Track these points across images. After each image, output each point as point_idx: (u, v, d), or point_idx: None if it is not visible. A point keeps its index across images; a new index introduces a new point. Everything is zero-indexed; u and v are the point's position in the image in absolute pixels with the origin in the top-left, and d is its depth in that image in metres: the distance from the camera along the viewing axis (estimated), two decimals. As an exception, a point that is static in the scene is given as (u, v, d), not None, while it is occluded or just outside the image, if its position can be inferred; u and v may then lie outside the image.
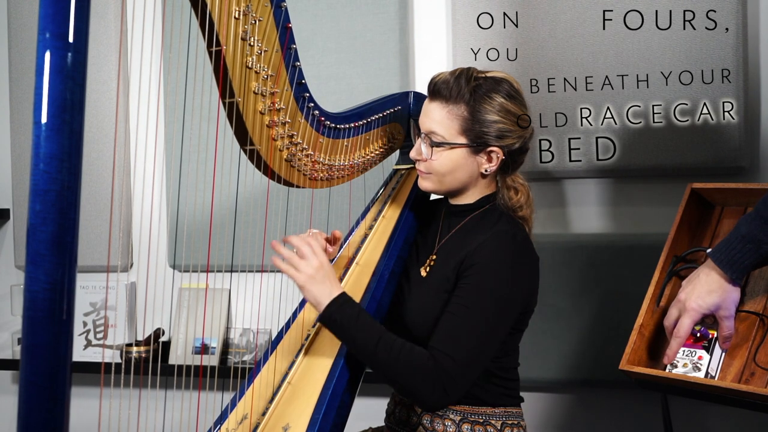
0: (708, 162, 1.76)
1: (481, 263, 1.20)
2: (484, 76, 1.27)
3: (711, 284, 1.18)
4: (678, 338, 1.20)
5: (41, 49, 0.70)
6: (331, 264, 1.45)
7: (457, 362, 1.14)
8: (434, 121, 1.26)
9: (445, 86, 1.25)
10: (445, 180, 1.29)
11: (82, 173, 0.73)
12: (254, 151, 1.15)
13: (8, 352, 2.28)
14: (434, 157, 1.26)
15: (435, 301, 1.25)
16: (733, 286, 1.17)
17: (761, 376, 1.17)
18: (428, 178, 1.31)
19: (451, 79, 1.25)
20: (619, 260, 1.80)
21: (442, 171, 1.27)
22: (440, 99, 1.25)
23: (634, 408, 1.86)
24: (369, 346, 1.15)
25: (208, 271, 2.06)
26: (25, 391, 0.71)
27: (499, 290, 1.19)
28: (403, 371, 1.14)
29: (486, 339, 1.18)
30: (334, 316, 1.16)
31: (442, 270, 1.28)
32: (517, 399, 1.33)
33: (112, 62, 2.16)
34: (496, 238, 1.23)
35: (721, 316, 1.18)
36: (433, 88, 1.27)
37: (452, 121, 1.24)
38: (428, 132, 1.27)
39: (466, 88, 1.24)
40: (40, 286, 0.71)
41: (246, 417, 1.21)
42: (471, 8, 1.91)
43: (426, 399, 1.14)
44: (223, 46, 1.03)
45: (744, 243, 1.13)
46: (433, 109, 1.26)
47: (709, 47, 1.75)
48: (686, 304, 1.19)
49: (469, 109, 1.24)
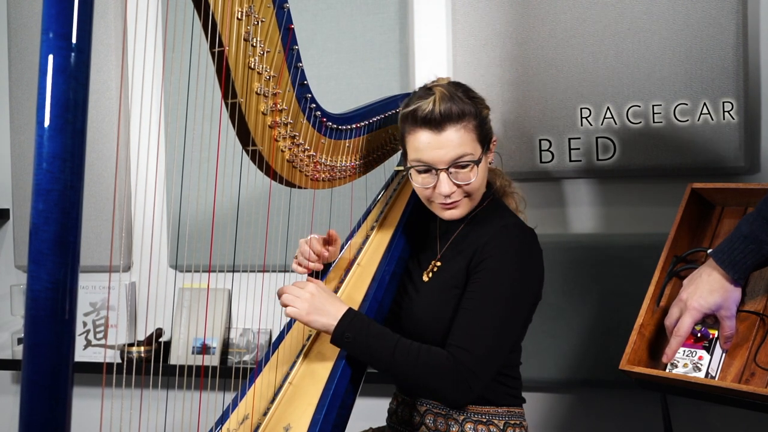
0: (708, 162, 1.76)
1: (493, 257, 1.21)
2: (455, 84, 1.28)
3: (713, 284, 1.18)
4: (678, 337, 1.20)
5: (44, 49, 0.71)
6: (332, 265, 1.46)
7: (477, 357, 1.15)
8: (458, 145, 1.21)
9: (452, 109, 1.21)
10: (480, 194, 1.29)
11: (84, 173, 0.74)
12: (256, 151, 1.16)
13: (8, 352, 2.28)
14: (470, 179, 1.23)
15: (443, 301, 1.25)
16: (735, 286, 1.17)
17: (761, 376, 1.18)
18: (463, 204, 1.26)
19: (451, 104, 1.21)
20: (619, 260, 1.80)
21: (480, 184, 1.27)
22: (451, 124, 1.21)
23: (634, 408, 1.86)
24: (386, 355, 1.16)
25: (210, 271, 2.06)
26: (27, 391, 0.71)
27: (513, 282, 1.20)
28: (424, 373, 1.15)
29: (503, 331, 1.18)
30: (347, 334, 1.17)
31: (449, 269, 1.29)
32: (519, 399, 1.33)
33: (113, 62, 2.16)
34: (506, 231, 1.24)
35: (722, 316, 1.19)
36: (438, 117, 1.20)
37: (471, 134, 1.23)
38: (457, 158, 1.21)
39: (467, 101, 1.24)
40: (43, 285, 0.71)
41: (247, 417, 1.21)
42: (471, 8, 1.92)
43: (451, 397, 1.15)
44: (225, 46, 1.03)
45: (746, 243, 1.14)
46: (449, 136, 1.21)
47: (709, 47, 1.75)
48: (688, 304, 1.19)
49: (476, 117, 1.25)
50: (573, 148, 1.85)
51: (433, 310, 1.27)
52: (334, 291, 1.38)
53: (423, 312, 1.28)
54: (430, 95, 1.23)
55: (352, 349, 1.18)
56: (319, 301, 1.18)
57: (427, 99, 1.22)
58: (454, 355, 1.15)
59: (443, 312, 1.24)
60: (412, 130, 1.24)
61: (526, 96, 1.87)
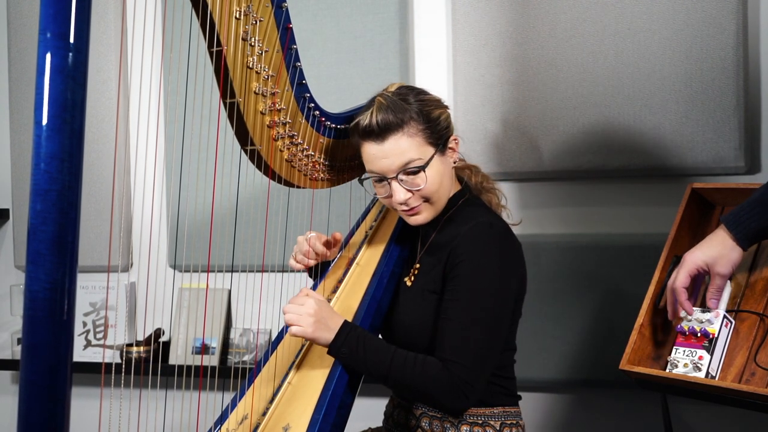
0: (708, 162, 1.76)
1: (467, 259, 1.20)
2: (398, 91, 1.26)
3: (713, 239, 1.19)
4: (673, 289, 1.21)
5: (42, 49, 0.70)
6: (331, 264, 1.46)
7: (469, 367, 1.15)
8: (401, 151, 1.21)
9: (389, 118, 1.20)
10: (439, 196, 1.26)
11: (83, 173, 0.74)
12: (255, 151, 1.15)
13: (8, 352, 2.28)
14: (421, 183, 1.23)
15: (425, 306, 1.25)
16: (736, 244, 1.17)
17: (761, 376, 1.17)
18: (425, 208, 1.26)
19: (388, 113, 1.21)
20: (619, 260, 1.80)
21: (435, 187, 1.24)
22: (392, 132, 1.20)
23: (634, 408, 1.86)
24: (382, 368, 1.16)
25: (208, 271, 2.06)
26: (25, 391, 0.71)
27: (491, 283, 1.19)
28: (421, 384, 1.15)
29: (490, 335, 1.18)
30: (342, 350, 1.17)
31: (427, 273, 1.29)
32: (515, 397, 1.33)
33: (112, 62, 2.16)
34: (476, 230, 1.22)
35: (714, 272, 1.18)
36: (377, 129, 1.20)
37: (415, 138, 1.21)
38: (403, 165, 1.21)
39: (408, 106, 1.22)
40: (41, 285, 0.71)
41: (246, 417, 1.21)
42: (471, 8, 1.91)
43: (449, 406, 1.16)
44: (224, 46, 1.03)
45: (753, 206, 1.14)
46: (392, 144, 1.20)
47: (709, 47, 1.74)
48: (684, 257, 1.21)
49: (423, 118, 1.22)
50: (573, 148, 1.85)
51: (416, 315, 1.27)
52: (333, 290, 1.38)
53: (406, 317, 1.29)
54: (371, 106, 1.23)
55: (348, 363, 1.18)
56: (321, 316, 1.18)
57: (367, 111, 1.23)
58: (447, 367, 1.15)
59: (425, 317, 1.25)
60: (360, 143, 1.25)
61: (526, 96, 1.87)
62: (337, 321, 1.19)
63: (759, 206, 1.14)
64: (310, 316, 1.17)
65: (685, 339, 1.22)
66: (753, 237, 1.17)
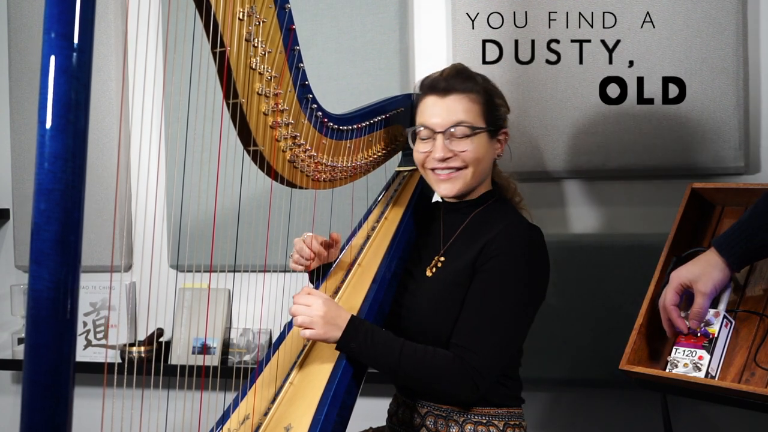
0: (708, 162, 1.76)
1: (501, 255, 1.21)
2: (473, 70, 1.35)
3: (700, 259, 1.20)
4: (662, 309, 1.22)
5: (46, 50, 0.71)
6: (333, 266, 1.46)
7: (483, 356, 1.15)
8: (458, 111, 1.27)
9: (458, 80, 1.28)
10: (475, 170, 1.29)
11: (86, 173, 0.74)
12: (257, 151, 1.15)
13: (8, 352, 2.28)
14: (465, 147, 1.27)
15: (448, 296, 1.25)
16: (724, 265, 1.17)
17: (761, 376, 1.18)
18: (460, 176, 1.29)
19: (457, 77, 1.29)
20: (619, 260, 1.80)
21: (477, 158, 1.28)
22: (456, 92, 1.28)
23: (634, 408, 1.86)
24: (392, 360, 1.17)
25: (210, 271, 2.06)
26: (28, 391, 0.71)
27: (520, 282, 1.20)
28: (430, 375, 1.16)
29: (509, 333, 1.19)
30: (351, 344, 1.17)
31: (454, 266, 1.29)
32: (519, 400, 1.34)
33: (113, 62, 2.16)
34: (513, 229, 1.24)
35: (697, 290, 1.18)
36: (443, 84, 1.28)
37: (475, 106, 1.28)
38: (455, 123, 1.27)
39: (476, 80, 1.30)
40: (44, 285, 0.71)
41: (248, 417, 1.21)
42: (471, 9, 1.92)
43: (458, 397, 1.18)
44: (227, 47, 1.03)
45: (742, 228, 1.16)
46: (451, 101, 1.27)
47: (709, 47, 1.75)
48: (671, 275, 1.22)
49: (486, 96, 1.29)
50: (573, 148, 1.85)
51: (437, 304, 1.27)
52: (335, 291, 1.38)
53: (427, 306, 1.29)
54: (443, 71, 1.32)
55: (357, 357, 1.18)
56: (330, 315, 1.18)
57: (439, 71, 1.31)
58: (459, 355, 1.16)
59: (447, 307, 1.25)
60: (421, 98, 1.32)
61: (526, 96, 1.88)
62: (345, 317, 1.19)
63: (746, 228, 1.15)
64: (321, 317, 1.17)
65: (685, 339, 1.23)
66: (742, 258, 1.17)
